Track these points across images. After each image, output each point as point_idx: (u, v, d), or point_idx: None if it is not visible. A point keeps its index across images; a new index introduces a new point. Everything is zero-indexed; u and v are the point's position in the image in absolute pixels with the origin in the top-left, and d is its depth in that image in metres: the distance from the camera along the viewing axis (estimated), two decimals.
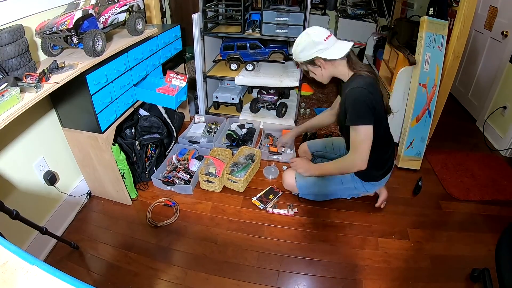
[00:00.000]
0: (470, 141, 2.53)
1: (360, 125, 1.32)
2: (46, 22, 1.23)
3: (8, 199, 1.32)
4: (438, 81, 1.95)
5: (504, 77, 2.41)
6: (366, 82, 1.32)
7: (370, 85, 1.32)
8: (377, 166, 1.57)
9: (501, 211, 1.81)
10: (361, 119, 1.32)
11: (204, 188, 1.92)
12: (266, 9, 2.11)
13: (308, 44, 1.34)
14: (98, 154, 1.59)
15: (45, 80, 1.12)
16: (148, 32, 1.68)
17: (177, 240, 1.60)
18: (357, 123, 1.33)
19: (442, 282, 1.41)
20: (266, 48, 2.38)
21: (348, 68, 1.39)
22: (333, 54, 1.33)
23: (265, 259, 1.51)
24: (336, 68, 1.39)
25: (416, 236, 1.64)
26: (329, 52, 1.33)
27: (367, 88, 1.30)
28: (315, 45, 1.33)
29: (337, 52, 1.33)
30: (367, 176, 1.61)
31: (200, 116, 2.53)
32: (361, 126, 1.32)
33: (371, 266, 1.48)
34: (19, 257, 0.55)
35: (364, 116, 1.31)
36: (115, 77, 1.50)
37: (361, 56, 3.29)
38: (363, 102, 1.30)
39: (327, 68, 1.39)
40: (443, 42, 1.90)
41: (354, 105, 1.32)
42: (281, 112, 2.56)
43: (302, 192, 1.78)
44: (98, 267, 1.47)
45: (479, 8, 2.67)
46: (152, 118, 1.92)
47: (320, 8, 3.45)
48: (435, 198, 1.91)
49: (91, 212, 1.78)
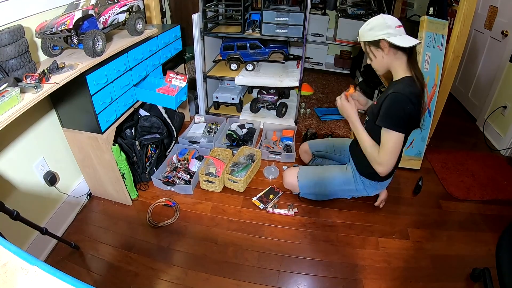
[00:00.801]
0: (470, 140, 2.54)
1: (395, 131, 1.32)
2: (46, 22, 1.23)
3: (9, 199, 1.32)
4: (438, 81, 1.95)
5: (504, 77, 2.41)
6: (413, 92, 1.29)
7: (415, 96, 1.30)
8: None
9: (501, 211, 1.81)
10: (396, 125, 1.32)
11: (204, 188, 1.92)
12: (266, 9, 2.11)
13: (379, 24, 1.31)
14: (98, 155, 1.59)
15: (45, 80, 1.12)
16: (148, 32, 1.68)
17: (177, 240, 1.60)
18: (392, 128, 1.32)
19: (443, 281, 1.41)
20: (266, 48, 2.38)
21: (406, 66, 1.36)
22: (400, 41, 1.29)
23: (266, 259, 1.51)
24: (396, 59, 1.36)
25: (417, 236, 1.64)
26: (397, 38, 1.29)
27: (411, 97, 1.28)
28: (386, 27, 1.29)
29: (404, 41, 1.30)
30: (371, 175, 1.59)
31: (200, 116, 2.53)
32: (395, 132, 1.32)
33: (371, 266, 1.48)
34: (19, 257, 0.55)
35: (400, 123, 1.32)
36: (115, 78, 1.50)
37: (361, 56, 3.29)
38: (403, 110, 1.29)
39: (389, 55, 1.35)
40: (443, 42, 1.90)
41: (393, 109, 1.31)
42: (281, 112, 2.56)
43: (303, 192, 1.78)
44: (98, 267, 1.47)
45: (479, 8, 2.67)
46: (152, 118, 1.92)
47: (320, 8, 3.45)
48: (435, 197, 1.91)
49: (92, 212, 1.78)
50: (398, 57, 1.35)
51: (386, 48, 1.33)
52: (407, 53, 1.34)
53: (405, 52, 1.34)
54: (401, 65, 1.36)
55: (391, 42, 1.29)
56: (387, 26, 1.29)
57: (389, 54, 1.34)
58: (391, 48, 1.33)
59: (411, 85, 1.31)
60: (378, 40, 1.32)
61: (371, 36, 1.34)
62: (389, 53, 1.34)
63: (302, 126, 2.62)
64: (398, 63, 1.36)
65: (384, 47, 1.33)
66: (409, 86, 1.31)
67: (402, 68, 1.36)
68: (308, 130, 2.45)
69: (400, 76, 1.37)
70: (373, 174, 1.59)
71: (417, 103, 1.30)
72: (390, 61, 1.37)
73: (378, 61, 1.39)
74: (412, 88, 1.30)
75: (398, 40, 1.29)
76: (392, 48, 1.33)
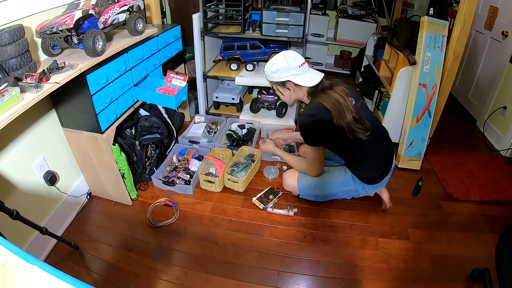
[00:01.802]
0: (470, 141, 2.53)
1: (310, 145, 1.50)
2: (46, 22, 1.23)
3: (8, 199, 1.32)
4: (438, 81, 1.95)
5: (504, 77, 2.41)
6: (314, 107, 1.41)
7: (316, 109, 1.40)
8: (370, 171, 1.58)
9: (501, 211, 1.81)
10: (308, 140, 1.49)
11: (204, 188, 1.92)
12: (266, 9, 2.11)
13: (283, 67, 1.42)
14: (98, 154, 1.59)
15: (45, 80, 1.12)
16: (148, 32, 1.68)
17: (177, 240, 1.60)
18: (308, 143, 1.50)
19: (442, 282, 1.41)
20: (266, 48, 2.38)
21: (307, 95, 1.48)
22: (304, 81, 1.42)
23: (265, 259, 1.51)
24: (302, 93, 1.49)
25: (416, 237, 1.64)
26: (301, 78, 1.42)
27: (312, 113, 1.40)
28: (290, 69, 1.41)
29: (308, 80, 1.42)
30: (364, 179, 1.62)
31: (200, 116, 2.53)
32: (309, 146, 1.50)
33: (371, 267, 1.48)
34: (19, 257, 0.55)
35: (312, 138, 1.48)
36: (115, 77, 1.50)
37: (361, 56, 3.28)
38: (308, 127, 1.43)
39: (296, 92, 1.48)
40: (443, 42, 1.90)
41: (301, 128, 1.47)
42: (281, 112, 2.56)
43: (303, 194, 1.78)
44: (98, 267, 1.47)
45: (479, 8, 2.67)
46: (152, 118, 1.92)
47: (320, 8, 3.45)
48: (435, 198, 1.91)
49: (91, 212, 1.78)
50: (304, 90, 1.47)
51: (292, 87, 1.46)
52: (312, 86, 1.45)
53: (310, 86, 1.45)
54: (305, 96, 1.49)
55: (296, 83, 1.43)
56: (291, 68, 1.41)
57: (296, 91, 1.48)
58: (297, 86, 1.45)
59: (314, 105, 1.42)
60: (284, 81, 1.45)
61: (277, 77, 1.46)
62: (296, 90, 1.47)
63: None
64: (304, 95, 1.49)
65: (290, 86, 1.46)
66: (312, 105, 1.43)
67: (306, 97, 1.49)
68: None
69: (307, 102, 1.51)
70: (368, 178, 1.60)
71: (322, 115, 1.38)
72: (297, 95, 1.50)
73: (287, 98, 1.54)
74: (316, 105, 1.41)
75: (302, 81, 1.42)
76: (297, 86, 1.45)
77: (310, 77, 1.43)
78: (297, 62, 1.41)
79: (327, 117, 1.38)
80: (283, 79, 1.44)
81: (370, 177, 1.60)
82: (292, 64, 1.40)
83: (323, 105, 1.38)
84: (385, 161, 1.60)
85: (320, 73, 1.45)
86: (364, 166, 1.58)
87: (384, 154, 1.60)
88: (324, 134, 1.46)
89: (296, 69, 1.41)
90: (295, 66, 1.40)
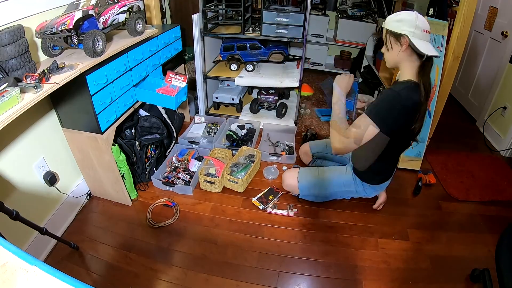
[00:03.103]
0: (470, 141, 2.53)
1: (372, 120, 1.28)
2: (46, 22, 1.23)
3: (8, 199, 1.32)
4: (438, 82, 1.95)
5: (504, 78, 2.41)
6: (410, 97, 1.25)
7: (411, 101, 1.25)
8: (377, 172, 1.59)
9: (501, 212, 1.81)
10: (376, 116, 1.28)
11: (204, 188, 1.92)
12: (266, 10, 2.12)
13: (409, 20, 1.25)
14: (98, 155, 1.59)
15: (45, 80, 1.12)
16: (148, 32, 1.68)
17: (177, 240, 1.60)
18: (371, 117, 1.28)
19: (442, 282, 1.41)
20: (266, 49, 2.38)
21: (416, 71, 1.31)
22: (421, 45, 1.24)
23: (265, 259, 1.51)
24: (409, 60, 1.30)
25: (416, 237, 1.64)
26: (419, 41, 1.24)
27: (404, 100, 1.24)
28: (414, 27, 1.24)
29: (425, 47, 1.24)
30: (365, 178, 1.61)
31: (200, 117, 2.53)
32: (371, 121, 1.28)
33: (371, 267, 1.48)
34: (19, 257, 0.55)
35: (380, 118, 1.28)
36: (115, 78, 1.50)
37: (361, 56, 3.29)
38: (389, 108, 1.26)
39: (405, 53, 1.29)
40: (443, 43, 1.90)
41: (381, 102, 1.29)
42: (281, 113, 2.56)
43: (303, 193, 1.78)
44: (98, 267, 1.47)
45: (479, 9, 2.68)
46: (152, 119, 1.92)
47: (320, 9, 3.46)
48: (435, 198, 1.91)
49: (91, 212, 1.78)
50: (412, 59, 1.29)
51: (405, 45, 1.27)
52: (422, 60, 1.28)
53: (421, 58, 1.28)
54: (411, 68, 1.31)
55: (412, 42, 1.24)
56: (415, 26, 1.24)
57: (405, 52, 1.29)
58: (409, 48, 1.27)
59: (412, 90, 1.26)
60: (400, 34, 1.26)
61: (396, 27, 1.27)
62: (405, 51, 1.28)
63: (302, 127, 2.62)
64: (409, 65, 1.31)
65: (404, 43, 1.27)
66: (409, 89, 1.26)
67: (411, 71, 1.31)
68: (308, 131, 2.45)
69: (405, 78, 1.32)
70: (370, 178, 1.60)
71: (410, 109, 1.26)
72: (402, 59, 1.31)
73: (391, 54, 1.34)
74: (412, 93, 1.26)
75: (419, 44, 1.24)
76: (410, 48, 1.27)
77: (428, 46, 1.26)
78: (424, 26, 1.25)
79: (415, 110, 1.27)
80: (402, 32, 1.25)
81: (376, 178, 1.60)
82: (419, 23, 1.24)
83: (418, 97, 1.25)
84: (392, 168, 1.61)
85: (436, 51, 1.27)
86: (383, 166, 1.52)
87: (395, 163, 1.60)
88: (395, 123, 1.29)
89: (419, 30, 1.23)
90: (421, 27, 1.24)
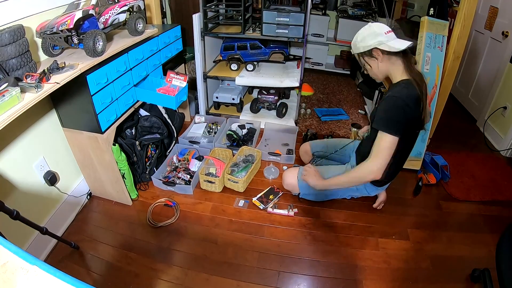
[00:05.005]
0: (470, 141, 2.53)
1: (387, 133, 1.30)
2: (46, 22, 1.23)
3: (9, 199, 1.32)
4: (438, 82, 1.95)
5: (505, 78, 2.41)
6: (409, 95, 1.27)
7: (412, 98, 1.28)
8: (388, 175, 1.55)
9: (501, 212, 1.81)
10: (389, 128, 1.30)
11: (204, 188, 1.92)
12: (267, 9, 2.11)
13: (368, 34, 1.33)
14: (98, 154, 1.59)
15: (46, 80, 1.12)
16: (148, 32, 1.68)
17: (177, 240, 1.60)
18: (385, 130, 1.30)
19: (442, 282, 1.41)
20: (267, 48, 2.38)
21: (404, 69, 1.35)
22: (391, 46, 1.29)
23: (266, 259, 1.51)
24: (392, 64, 1.36)
25: (416, 237, 1.64)
26: (388, 44, 1.30)
27: (406, 100, 1.26)
28: (376, 35, 1.31)
29: (396, 45, 1.29)
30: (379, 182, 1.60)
31: (200, 116, 2.53)
32: (388, 134, 1.30)
33: (371, 267, 1.48)
34: (19, 257, 0.55)
35: (394, 126, 1.30)
36: (116, 77, 1.50)
37: None
38: (397, 113, 1.28)
39: (384, 62, 1.35)
40: (443, 43, 1.90)
41: (387, 112, 1.31)
42: (282, 113, 2.56)
43: (303, 192, 1.78)
44: (98, 267, 1.47)
45: (480, 9, 2.67)
46: (153, 118, 1.92)
47: (320, 9, 3.46)
48: (435, 198, 1.91)
49: (92, 212, 1.78)
50: (393, 62, 1.35)
51: (380, 56, 1.34)
52: (402, 57, 1.33)
53: (400, 56, 1.33)
54: (398, 70, 1.36)
55: (383, 49, 1.31)
56: (377, 34, 1.31)
57: (384, 61, 1.35)
58: (385, 55, 1.34)
59: (407, 88, 1.30)
60: (370, 49, 1.34)
61: (363, 47, 1.36)
62: (383, 60, 1.35)
63: (303, 127, 2.62)
64: (395, 68, 1.36)
65: (378, 55, 1.34)
66: (405, 88, 1.29)
67: (399, 72, 1.36)
68: (308, 131, 2.45)
69: (398, 79, 1.36)
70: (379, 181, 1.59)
71: (414, 105, 1.28)
72: (386, 67, 1.37)
73: (374, 70, 1.41)
74: (408, 90, 1.29)
75: (390, 45, 1.29)
76: (385, 55, 1.33)
77: (398, 42, 1.30)
78: (382, 29, 1.32)
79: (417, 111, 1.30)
80: (370, 47, 1.33)
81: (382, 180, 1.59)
82: (378, 30, 1.31)
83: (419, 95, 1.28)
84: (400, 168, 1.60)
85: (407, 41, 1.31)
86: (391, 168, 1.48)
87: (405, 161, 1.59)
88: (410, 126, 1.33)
89: (382, 35, 1.30)
90: (381, 32, 1.31)
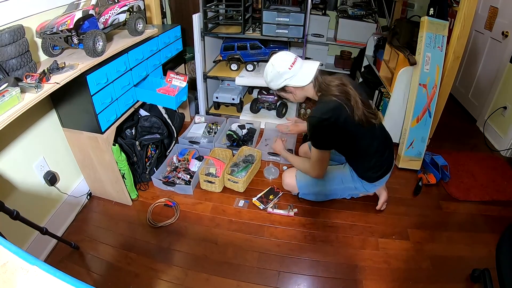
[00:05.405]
0: (470, 141, 2.53)
1: (316, 148, 1.47)
2: (46, 22, 1.23)
3: (9, 199, 1.32)
4: (438, 82, 1.95)
5: (505, 78, 2.41)
6: (325, 110, 1.38)
7: (327, 110, 1.38)
8: (371, 170, 1.59)
9: (501, 212, 1.81)
10: (315, 145, 1.47)
11: (204, 188, 1.92)
12: (266, 10, 2.11)
13: (274, 76, 1.45)
14: (98, 155, 1.59)
15: (46, 80, 1.12)
16: (148, 32, 1.68)
17: (177, 240, 1.60)
18: (314, 146, 1.48)
19: (442, 282, 1.41)
20: (267, 49, 2.38)
21: (315, 91, 1.47)
22: (299, 81, 1.43)
23: (266, 259, 1.51)
24: (306, 91, 1.48)
25: (417, 237, 1.64)
26: (295, 79, 1.43)
27: (322, 116, 1.38)
28: (281, 75, 1.43)
29: (303, 78, 1.42)
30: (364, 177, 1.63)
31: (200, 117, 2.53)
32: (317, 149, 1.48)
33: (371, 267, 1.48)
34: (19, 257, 0.55)
35: (318, 142, 1.46)
36: (116, 78, 1.50)
37: (361, 56, 3.28)
38: (317, 131, 1.43)
39: (298, 93, 1.50)
40: (443, 43, 1.90)
41: (310, 131, 1.46)
42: (282, 113, 2.56)
43: (302, 192, 1.78)
44: (98, 267, 1.47)
45: (480, 9, 2.67)
46: (153, 119, 1.92)
47: (320, 9, 3.45)
48: (436, 198, 1.90)
49: (92, 212, 1.78)
50: (306, 88, 1.47)
51: (292, 90, 1.48)
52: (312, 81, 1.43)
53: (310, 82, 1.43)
54: (312, 91, 1.48)
55: (293, 85, 1.44)
56: (281, 74, 1.43)
57: (297, 91, 1.49)
58: (296, 88, 1.47)
59: (324, 104, 1.40)
60: (282, 87, 1.48)
61: (275, 86, 1.50)
62: (296, 91, 1.49)
63: None
64: (309, 92, 1.49)
65: (290, 90, 1.49)
66: (322, 105, 1.40)
67: (314, 92, 1.48)
68: None
69: (317, 98, 1.48)
70: (369, 177, 1.60)
71: (333, 115, 1.37)
72: (302, 94, 1.51)
73: (293, 99, 1.55)
74: (323, 104, 1.40)
75: (297, 81, 1.43)
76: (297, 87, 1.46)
77: (304, 74, 1.42)
78: (286, 66, 1.42)
79: (340, 117, 1.37)
80: (281, 86, 1.47)
81: (371, 176, 1.60)
82: (281, 69, 1.42)
83: (335, 102, 1.37)
84: (388, 160, 1.61)
85: (314, 63, 1.45)
86: (366, 164, 1.57)
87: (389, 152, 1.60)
88: (334, 138, 1.46)
89: (287, 73, 1.42)
90: (285, 70, 1.42)
